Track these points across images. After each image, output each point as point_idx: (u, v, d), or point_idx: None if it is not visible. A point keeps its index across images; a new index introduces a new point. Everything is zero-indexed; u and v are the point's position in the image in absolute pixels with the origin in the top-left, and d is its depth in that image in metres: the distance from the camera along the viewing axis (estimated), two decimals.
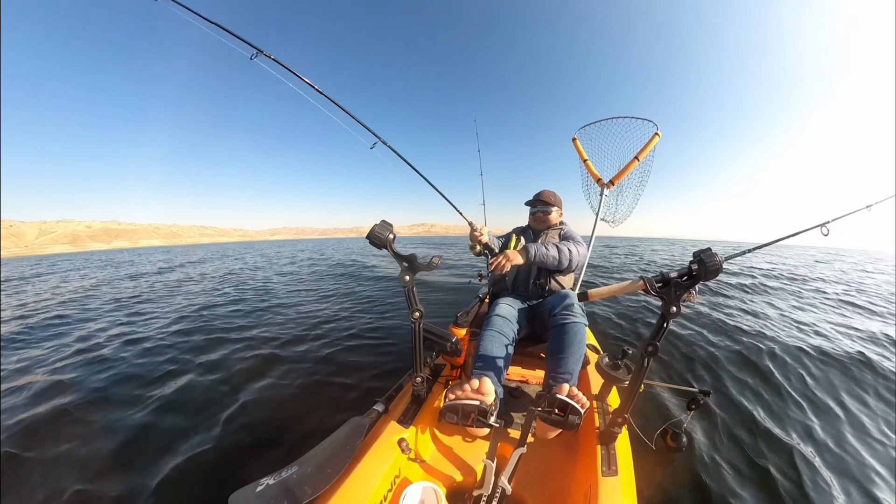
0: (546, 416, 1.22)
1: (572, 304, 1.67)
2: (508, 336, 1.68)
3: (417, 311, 1.31)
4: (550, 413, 1.21)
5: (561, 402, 1.20)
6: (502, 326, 1.69)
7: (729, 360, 3.07)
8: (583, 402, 1.21)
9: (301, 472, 1.05)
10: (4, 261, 28.15)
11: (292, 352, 3.35)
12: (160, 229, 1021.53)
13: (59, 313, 5.65)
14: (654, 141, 2.78)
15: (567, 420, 1.18)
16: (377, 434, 1.27)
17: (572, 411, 1.18)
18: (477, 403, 1.27)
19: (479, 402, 1.28)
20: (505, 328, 1.69)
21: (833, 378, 2.83)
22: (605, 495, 1.04)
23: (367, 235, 1.22)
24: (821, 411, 2.37)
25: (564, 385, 1.25)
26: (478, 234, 1.92)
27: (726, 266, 10.10)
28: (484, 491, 1.05)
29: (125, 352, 3.53)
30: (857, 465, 1.91)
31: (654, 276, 1.16)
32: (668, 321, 1.10)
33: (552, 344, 1.58)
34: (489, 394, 1.33)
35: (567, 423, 1.19)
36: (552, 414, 1.20)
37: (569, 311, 1.64)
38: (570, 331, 1.56)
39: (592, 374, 1.81)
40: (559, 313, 1.64)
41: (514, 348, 1.71)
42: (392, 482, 1.16)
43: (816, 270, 11.40)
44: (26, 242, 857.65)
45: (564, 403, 1.19)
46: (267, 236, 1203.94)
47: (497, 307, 1.81)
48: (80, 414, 2.32)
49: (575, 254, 1.83)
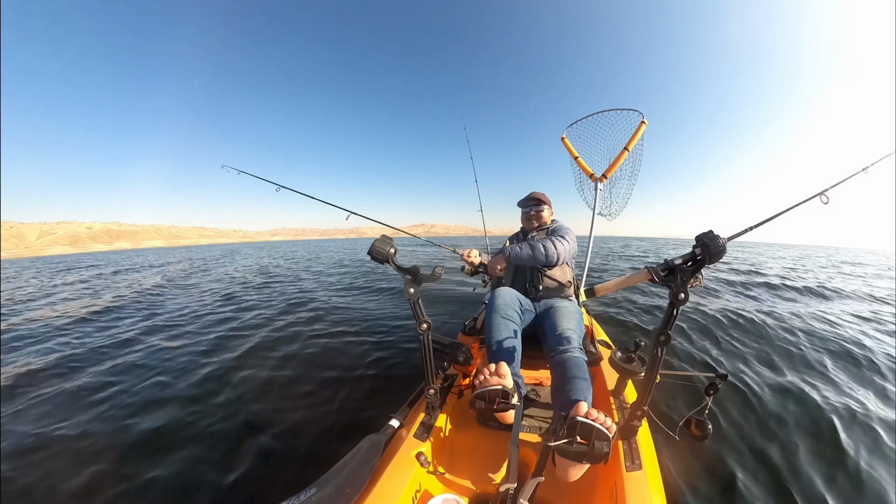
0: (567, 448, 0.98)
1: (568, 337, 1.58)
2: (514, 318, 1.71)
3: (425, 323, 1.29)
4: (571, 443, 0.98)
5: (582, 425, 0.97)
6: (506, 309, 1.72)
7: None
8: (607, 425, 0.98)
9: (320, 494, 1.02)
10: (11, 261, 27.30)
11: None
12: (161, 230, 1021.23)
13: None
14: (642, 129, 2.80)
15: (593, 449, 0.96)
16: (395, 450, 1.25)
17: (598, 436, 0.96)
18: (500, 387, 1.26)
19: (500, 385, 1.27)
20: (508, 311, 1.72)
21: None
22: (632, 491, 1.02)
23: (369, 251, 1.22)
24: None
25: (582, 404, 1.02)
26: (466, 256, 1.96)
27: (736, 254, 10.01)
28: (509, 502, 1.03)
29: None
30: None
31: (659, 264, 1.16)
32: (677, 308, 1.09)
33: (555, 381, 1.46)
34: (506, 376, 1.32)
35: (594, 453, 0.96)
36: (573, 443, 0.97)
37: (565, 345, 1.54)
38: (570, 364, 1.43)
39: (606, 370, 1.79)
40: (554, 349, 1.55)
41: (521, 330, 1.73)
42: (413, 497, 1.14)
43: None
44: (27, 244, 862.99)
45: (587, 427, 0.97)
46: (267, 237, 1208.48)
47: (497, 292, 1.83)
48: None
49: (551, 247, 1.85)
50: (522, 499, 1.03)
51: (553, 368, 1.50)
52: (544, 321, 1.80)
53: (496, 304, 1.75)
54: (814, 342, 3.57)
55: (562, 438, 0.98)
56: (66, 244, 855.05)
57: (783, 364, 3.02)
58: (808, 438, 1.98)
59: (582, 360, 1.46)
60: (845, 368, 2.98)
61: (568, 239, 1.95)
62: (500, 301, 1.76)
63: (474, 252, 2.02)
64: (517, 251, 1.85)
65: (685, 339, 3.65)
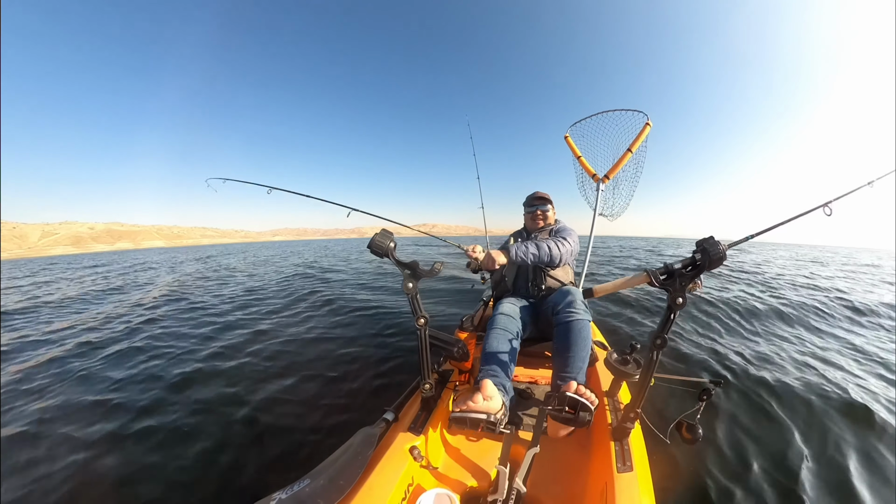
0: (557, 414, 1.22)
1: (574, 300, 1.65)
2: (513, 332, 1.70)
3: (422, 318, 1.30)
4: (561, 411, 1.21)
5: (571, 399, 1.20)
6: (506, 324, 1.72)
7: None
8: (591, 399, 1.21)
9: (313, 486, 1.03)
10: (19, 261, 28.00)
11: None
12: (162, 230, 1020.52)
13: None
14: (646, 131, 2.78)
15: (578, 417, 1.19)
16: (388, 443, 1.26)
17: (582, 408, 1.18)
18: (483, 417, 1.26)
19: (485, 415, 1.26)
20: (509, 325, 1.72)
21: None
22: (622, 491, 1.03)
23: (368, 245, 1.22)
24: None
25: (572, 383, 1.26)
26: (471, 252, 1.97)
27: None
28: (499, 496, 1.04)
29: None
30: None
31: (658, 268, 1.16)
32: (674, 313, 1.09)
33: (557, 343, 1.58)
34: (494, 397, 1.32)
35: (578, 420, 1.19)
36: (563, 412, 1.21)
37: (571, 307, 1.62)
38: (574, 328, 1.54)
39: (602, 371, 1.80)
40: (562, 311, 1.63)
41: (519, 344, 1.72)
42: (406, 491, 1.15)
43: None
44: (29, 244, 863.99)
45: (574, 401, 1.20)
46: (268, 237, 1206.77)
47: (500, 306, 1.83)
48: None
49: (556, 248, 1.86)
50: (519, 477, 1.05)
51: (557, 327, 1.60)
52: (546, 303, 1.83)
53: (497, 319, 1.74)
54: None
55: (556, 406, 1.21)
56: (69, 244, 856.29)
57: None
58: (807, 443, 2.00)
59: (586, 322, 1.58)
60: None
61: (571, 241, 1.96)
62: (502, 317, 1.75)
63: (479, 248, 2.03)
64: (523, 249, 1.84)
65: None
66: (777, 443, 2.00)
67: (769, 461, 1.85)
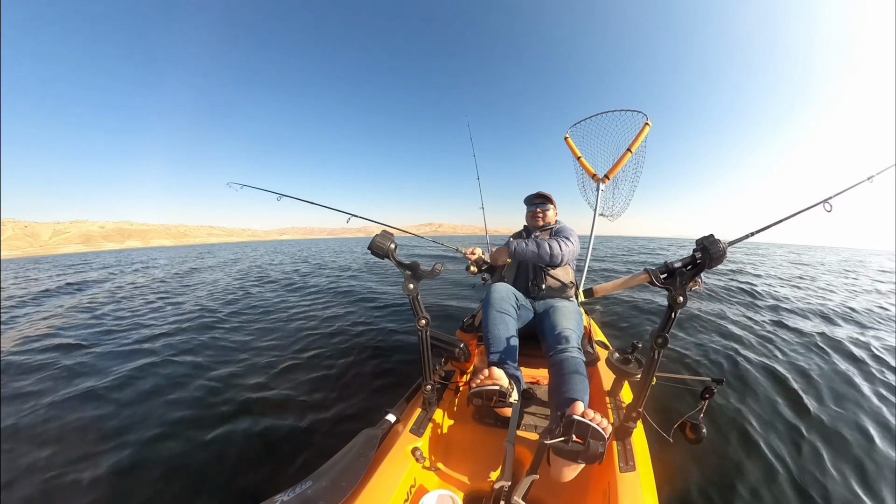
0: (563, 447, 0.98)
1: (566, 336, 1.57)
2: (510, 312, 1.73)
3: (423, 319, 1.30)
4: (567, 442, 0.97)
5: (578, 424, 0.96)
6: (501, 304, 1.73)
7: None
8: (603, 425, 0.98)
9: (316, 487, 1.03)
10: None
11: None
12: (170, 229, 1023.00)
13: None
14: (645, 131, 2.79)
15: (589, 449, 0.95)
16: (390, 444, 1.26)
17: (593, 435, 0.95)
18: (497, 388, 1.30)
19: (497, 386, 1.31)
20: (504, 305, 1.74)
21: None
22: (625, 491, 1.03)
23: (369, 246, 1.22)
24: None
25: (578, 403, 1.02)
26: (469, 254, 1.98)
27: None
28: (503, 500, 1.03)
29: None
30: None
31: (658, 267, 1.16)
32: (675, 312, 1.09)
33: (552, 381, 1.46)
34: (501, 378, 1.36)
35: (589, 452, 0.96)
36: (570, 443, 0.97)
37: (564, 345, 1.53)
38: (568, 364, 1.43)
39: (603, 370, 1.80)
40: (553, 349, 1.55)
41: (519, 326, 1.76)
42: (408, 492, 1.15)
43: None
44: (41, 242, 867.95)
45: (583, 426, 0.96)
46: (275, 236, 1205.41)
47: (493, 288, 1.84)
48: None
49: (557, 248, 1.86)
50: (517, 496, 1.03)
51: (551, 367, 1.50)
52: (543, 320, 1.80)
53: (492, 298, 1.76)
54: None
55: (558, 437, 0.98)
56: (79, 243, 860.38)
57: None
58: (809, 446, 1.99)
59: (580, 360, 1.47)
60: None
61: (572, 241, 1.97)
62: (496, 296, 1.77)
63: (478, 250, 2.04)
64: (522, 246, 1.85)
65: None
66: (782, 442, 1.99)
67: (773, 461, 1.84)
